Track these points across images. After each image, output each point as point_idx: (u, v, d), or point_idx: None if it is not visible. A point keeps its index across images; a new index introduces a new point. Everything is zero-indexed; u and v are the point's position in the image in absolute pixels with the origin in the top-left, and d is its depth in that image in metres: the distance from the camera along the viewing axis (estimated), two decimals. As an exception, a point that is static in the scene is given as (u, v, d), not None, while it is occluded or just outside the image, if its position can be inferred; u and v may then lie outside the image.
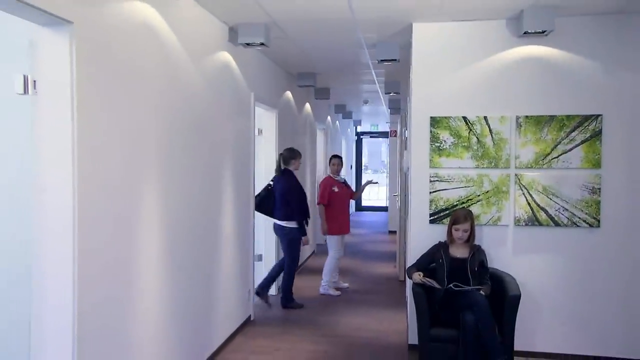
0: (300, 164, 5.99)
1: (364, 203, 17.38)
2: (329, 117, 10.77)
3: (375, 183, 7.02)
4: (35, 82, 2.32)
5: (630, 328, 4.11)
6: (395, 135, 9.78)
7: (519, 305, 3.77)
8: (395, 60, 5.12)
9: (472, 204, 4.27)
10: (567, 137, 4.15)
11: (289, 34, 4.78)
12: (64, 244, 2.35)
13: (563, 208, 4.17)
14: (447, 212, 4.28)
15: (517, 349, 4.11)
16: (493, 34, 4.21)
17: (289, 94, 7.00)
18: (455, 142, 4.29)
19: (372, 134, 17.33)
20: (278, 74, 6.41)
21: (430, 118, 4.32)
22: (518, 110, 4.21)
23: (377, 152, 20.35)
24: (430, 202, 4.34)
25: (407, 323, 4.45)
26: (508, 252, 4.26)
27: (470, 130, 4.27)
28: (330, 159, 6.50)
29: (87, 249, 2.44)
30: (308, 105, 8.38)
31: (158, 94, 3.19)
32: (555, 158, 4.17)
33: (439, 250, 4.04)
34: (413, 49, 4.37)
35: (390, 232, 11.10)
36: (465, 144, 4.28)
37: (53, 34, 2.31)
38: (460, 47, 4.28)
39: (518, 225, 4.24)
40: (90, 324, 2.50)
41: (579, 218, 4.15)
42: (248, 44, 4.44)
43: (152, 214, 3.13)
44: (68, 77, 2.33)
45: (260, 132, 6.05)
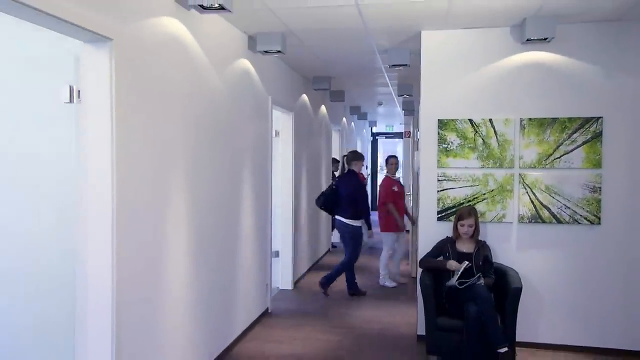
0: (363, 165, 6.72)
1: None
2: (344, 118, 11.02)
3: None
4: (80, 92, 2.63)
5: (628, 321, 4.30)
6: (409, 136, 9.99)
7: (523, 299, 3.99)
8: (406, 65, 5.36)
9: (477, 202, 4.49)
10: (568, 138, 4.35)
11: (305, 42, 5.06)
12: (104, 247, 2.64)
13: (565, 206, 4.37)
14: (453, 210, 4.51)
15: (520, 340, 4.34)
16: (497, 41, 4.43)
17: (305, 97, 7.28)
18: (462, 143, 4.52)
19: (387, 135, 17.51)
20: (294, 78, 6.69)
21: (438, 121, 4.55)
22: (522, 113, 4.43)
23: (392, 152, 20.54)
24: (438, 200, 4.58)
25: (417, 315, 4.69)
26: (512, 248, 4.48)
27: (476, 132, 4.49)
28: (387, 160, 6.99)
29: (123, 251, 2.73)
30: (323, 108, 8.65)
31: (185, 101, 3.49)
32: (558, 158, 4.38)
33: (446, 245, 4.27)
34: (422, 56, 4.61)
35: (406, 231, 11.29)
36: (471, 145, 4.51)
37: (96, 50, 2.61)
38: (467, 53, 4.51)
39: (522, 223, 4.45)
40: (126, 318, 2.79)
41: (581, 216, 4.35)
42: (266, 52, 4.73)
43: (179, 215, 3.43)
44: (108, 87, 2.63)
45: (277, 134, 6.34)
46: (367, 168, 16.22)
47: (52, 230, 2.71)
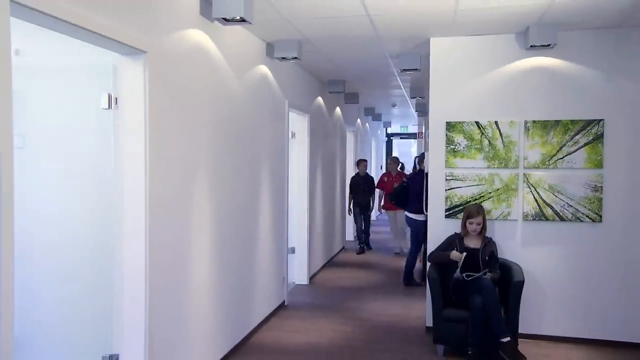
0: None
1: (394, 202, 17.78)
2: (359, 119, 11.27)
3: None
4: (117, 99, 2.93)
5: (627, 314, 4.50)
6: (422, 137, 10.22)
7: (527, 292, 4.23)
8: (417, 70, 5.60)
9: (484, 201, 4.72)
10: (571, 139, 4.56)
11: (319, 48, 5.33)
12: (139, 238, 2.94)
13: (568, 204, 4.58)
14: (461, 207, 4.75)
15: (524, 332, 4.56)
16: (503, 47, 4.66)
17: (320, 100, 7.55)
18: (469, 144, 4.75)
19: (402, 135, 17.71)
20: (310, 82, 6.97)
21: (446, 123, 4.79)
22: (526, 116, 4.64)
23: (407, 152, 20.71)
24: (446, 198, 4.82)
25: (426, 308, 4.93)
26: (517, 244, 4.69)
27: (483, 134, 4.72)
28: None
29: (155, 241, 3.04)
30: (338, 109, 8.92)
31: (209, 106, 3.79)
32: (561, 159, 4.59)
33: (454, 241, 4.50)
34: (431, 61, 4.85)
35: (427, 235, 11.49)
36: (478, 146, 4.73)
37: (132, 61, 2.91)
38: (473, 59, 4.74)
39: (526, 220, 4.67)
40: (157, 306, 3.09)
41: (583, 214, 4.56)
42: (283, 58, 5.01)
43: (203, 212, 3.73)
44: (142, 95, 2.93)
45: (294, 135, 6.62)
46: (381, 168, 16.46)
47: (93, 225, 3.01)
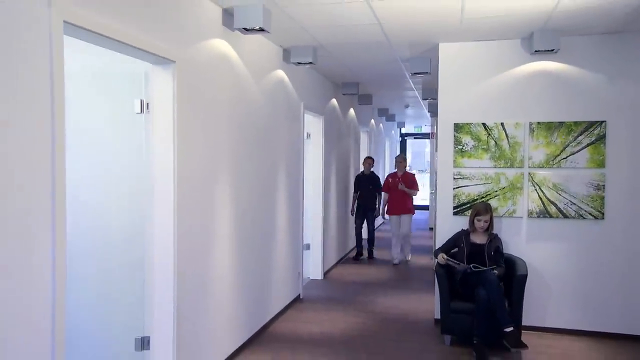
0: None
1: (408, 202, 17.96)
2: (373, 120, 11.51)
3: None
4: (148, 104, 3.22)
5: (628, 308, 4.69)
6: (434, 137, 10.41)
7: (531, 286, 4.45)
8: (428, 73, 5.83)
9: (490, 199, 4.94)
10: (574, 140, 4.76)
11: (333, 53, 5.59)
12: (168, 228, 3.24)
13: (571, 202, 4.78)
14: (468, 205, 4.97)
15: (528, 325, 4.78)
16: (508, 52, 4.87)
17: (334, 101, 7.81)
18: (476, 145, 4.97)
19: (415, 135, 17.87)
20: (324, 85, 7.23)
21: (454, 124, 5.02)
22: (531, 117, 4.85)
23: (421, 152, 20.88)
24: (454, 197, 5.05)
25: (435, 301, 5.16)
26: (522, 240, 4.91)
27: (489, 135, 4.94)
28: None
29: (182, 233, 3.33)
30: (352, 111, 9.17)
31: (230, 109, 4.07)
32: (564, 159, 4.79)
33: (461, 237, 4.73)
34: (439, 66, 5.08)
35: (431, 228, 11.70)
36: (485, 147, 4.95)
37: (162, 70, 3.20)
38: (480, 63, 4.96)
39: (531, 217, 4.88)
40: (184, 289, 3.39)
41: (585, 211, 4.75)
42: (299, 63, 5.28)
43: (225, 208, 4.01)
44: (171, 100, 3.22)
45: (309, 136, 6.89)
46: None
47: (127, 217, 3.30)
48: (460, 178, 5.03)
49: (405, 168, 8.40)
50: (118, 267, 3.25)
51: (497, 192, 4.95)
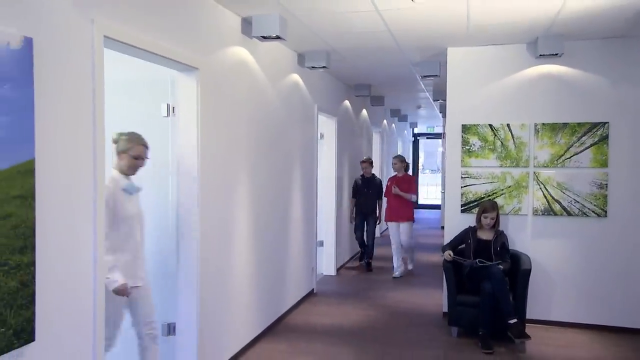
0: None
1: (420, 201, 18.13)
2: (385, 120, 11.71)
3: None
4: (174, 108, 3.49)
5: (630, 302, 4.86)
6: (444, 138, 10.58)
7: (536, 281, 4.65)
8: (437, 76, 6.03)
9: (496, 197, 5.13)
10: (578, 141, 4.94)
11: (346, 57, 5.83)
12: (192, 225, 3.50)
13: (575, 201, 4.96)
14: (475, 203, 5.17)
15: (533, 318, 4.97)
16: (514, 56, 5.07)
17: (347, 103, 8.04)
18: (483, 145, 5.18)
19: (428, 136, 18.01)
20: (337, 87, 7.47)
21: (462, 125, 5.23)
22: (536, 119, 5.04)
23: (434, 152, 21.02)
24: (462, 195, 5.25)
25: (443, 295, 5.37)
26: (527, 237, 5.10)
27: (495, 136, 5.14)
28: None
29: (205, 228, 3.59)
30: (365, 112, 9.39)
31: (248, 112, 4.33)
32: (568, 159, 4.97)
33: (468, 234, 4.93)
34: (448, 69, 5.29)
35: (443, 227, 11.86)
36: (491, 147, 5.15)
37: (186, 77, 3.47)
38: (487, 67, 5.16)
39: (536, 215, 5.07)
40: (206, 282, 3.65)
41: (589, 209, 4.93)
42: (313, 67, 5.52)
43: (243, 203, 4.27)
44: (195, 104, 3.48)
45: (322, 136, 7.13)
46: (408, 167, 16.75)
47: (156, 212, 3.56)
48: (468, 177, 5.23)
49: (405, 169, 7.46)
50: (150, 256, 3.50)
51: (503, 190, 5.14)
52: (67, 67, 2.33)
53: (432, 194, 19.26)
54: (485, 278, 4.54)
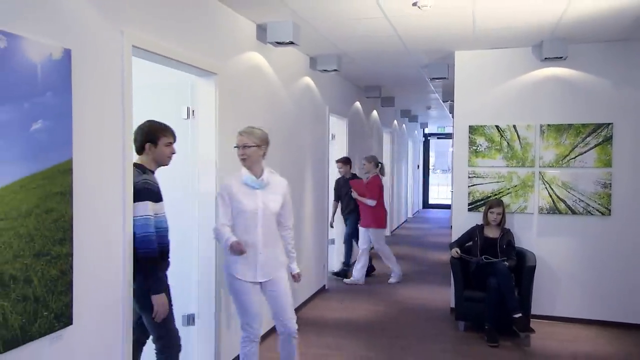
0: None
1: (431, 201, 18.26)
2: (395, 121, 11.87)
3: None
4: (194, 111, 3.69)
5: (634, 298, 4.99)
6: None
7: (542, 278, 4.81)
8: (445, 78, 6.19)
9: (503, 196, 5.28)
10: (582, 141, 5.07)
11: (356, 61, 6.01)
12: (210, 220, 3.70)
13: (579, 199, 5.10)
14: (482, 202, 5.33)
15: (538, 313, 5.12)
16: (520, 59, 5.22)
17: (358, 104, 8.22)
18: (489, 146, 5.33)
19: (439, 135, 18.12)
20: (348, 88, 7.65)
21: (469, 126, 5.38)
22: (541, 120, 5.19)
23: (444, 152, 21.10)
24: (469, 194, 5.41)
25: (451, 291, 5.53)
26: (533, 235, 5.24)
27: (502, 136, 5.29)
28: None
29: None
30: (375, 112, 9.56)
31: (262, 113, 4.53)
32: (573, 159, 5.11)
33: (475, 231, 5.09)
34: (455, 72, 5.45)
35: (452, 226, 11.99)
36: (498, 147, 5.30)
37: (205, 81, 3.67)
38: (494, 69, 5.32)
39: (541, 213, 5.21)
40: (223, 275, 3.85)
41: (593, 208, 5.06)
42: (324, 70, 5.71)
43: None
44: (213, 108, 3.69)
45: (333, 137, 7.31)
46: (418, 168, 16.90)
47: (176, 209, 3.75)
48: (475, 177, 5.39)
49: (381, 172, 6.88)
50: (174, 250, 3.70)
51: (509, 189, 5.29)
52: (99, 74, 2.54)
53: (442, 194, 19.38)
54: (491, 274, 4.70)
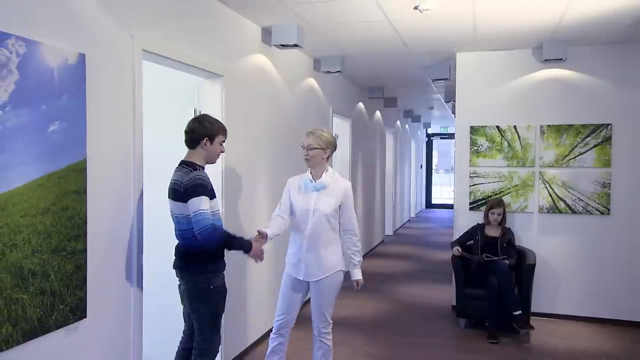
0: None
1: (434, 201, 18.33)
2: (398, 121, 11.95)
3: None
4: (201, 112, 3.78)
5: (633, 296, 5.06)
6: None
7: (542, 276, 4.90)
8: (447, 79, 6.28)
9: (503, 195, 5.37)
10: (582, 142, 5.15)
11: (360, 62, 6.10)
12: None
13: (579, 199, 5.17)
14: (483, 201, 5.41)
15: (539, 311, 5.20)
16: (520, 61, 5.30)
17: (361, 105, 8.31)
18: (490, 146, 5.41)
19: (442, 136, 18.19)
20: (351, 89, 7.74)
21: (470, 127, 5.47)
22: (542, 120, 5.27)
23: (447, 152, 21.16)
24: (470, 193, 5.50)
25: (452, 289, 5.61)
26: (533, 234, 5.32)
27: (502, 137, 5.37)
28: None
29: (228, 220, 3.90)
30: (378, 113, 9.64)
31: (268, 114, 4.63)
32: (573, 159, 5.18)
33: (476, 230, 5.17)
34: (457, 73, 5.54)
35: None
36: (498, 148, 5.39)
37: (212, 83, 3.77)
38: (495, 71, 5.40)
39: (541, 213, 5.29)
40: (229, 272, 3.94)
41: (592, 207, 5.14)
42: (328, 72, 5.81)
43: (262, 201, 4.57)
44: (220, 108, 3.78)
45: (337, 137, 7.38)
46: (421, 167, 16.97)
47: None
48: (476, 176, 5.47)
49: None
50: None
51: (510, 189, 5.38)
52: (111, 77, 2.64)
53: (445, 194, 19.44)
54: (492, 272, 4.78)
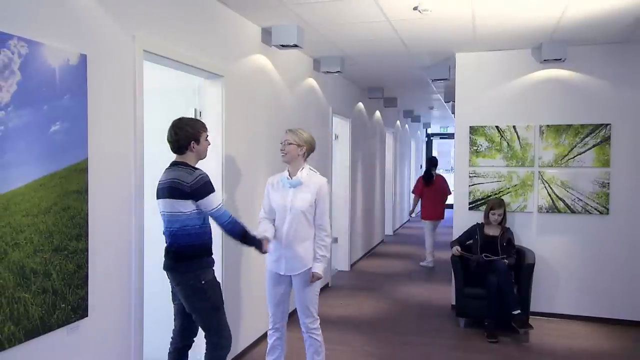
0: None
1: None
2: (398, 121, 11.96)
3: None
4: (201, 112, 3.81)
5: (632, 295, 5.08)
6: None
7: (541, 275, 4.92)
8: (447, 79, 6.29)
9: (503, 195, 5.38)
10: (581, 141, 5.17)
11: (359, 62, 6.12)
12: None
13: (578, 199, 5.19)
14: (482, 201, 5.42)
15: (538, 311, 5.22)
16: (519, 61, 5.31)
17: (361, 105, 8.32)
18: (490, 146, 5.43)
19: (442, 135, 18.20)
20: (351, 89, 7.76)
21: (470, 127, 5.48)
22: (541, 120, 5.28)
23: (447, 152, 21.14)
24: (469, 193, 5.51)
25: (452, 289, 5.63)
26: (533, 233, 5.34)
27: (502, 137, 5.39)
28: None
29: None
30: (378, 113, 9.66)
31: (268, 114, 4.65)
32: (572, 159, 5.20)
33: (476, 230, 5.18)
34: (456, 73, 5.55)
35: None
36: (498, 148, 5.40)
37: (212, 83, 3.79)
38: (494, 71, 5.41)
39: (541, 212, 5.30)
40: (229, 273, 3.97)
41: (591, 207, 5.16)
42: (328, 72, 5.82)
43: (261, 198, 4.57)
44: (220, 109, 3.80)
45: (337, 137, 7.42)
46: (421, 167, 16.98)
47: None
48: (475, 176, 5.49)
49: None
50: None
51: (509, 189, 5.39)
52: (112, 77, 2.66)
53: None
54: (491, 272, 4.80)
